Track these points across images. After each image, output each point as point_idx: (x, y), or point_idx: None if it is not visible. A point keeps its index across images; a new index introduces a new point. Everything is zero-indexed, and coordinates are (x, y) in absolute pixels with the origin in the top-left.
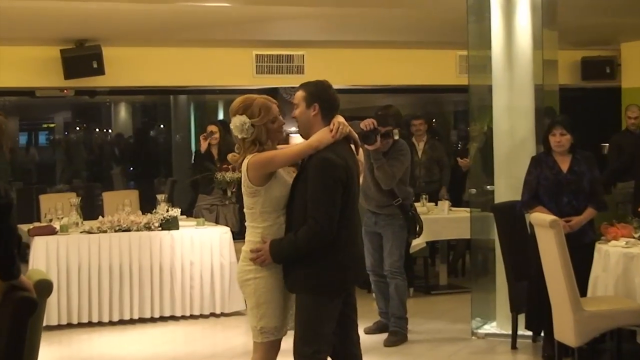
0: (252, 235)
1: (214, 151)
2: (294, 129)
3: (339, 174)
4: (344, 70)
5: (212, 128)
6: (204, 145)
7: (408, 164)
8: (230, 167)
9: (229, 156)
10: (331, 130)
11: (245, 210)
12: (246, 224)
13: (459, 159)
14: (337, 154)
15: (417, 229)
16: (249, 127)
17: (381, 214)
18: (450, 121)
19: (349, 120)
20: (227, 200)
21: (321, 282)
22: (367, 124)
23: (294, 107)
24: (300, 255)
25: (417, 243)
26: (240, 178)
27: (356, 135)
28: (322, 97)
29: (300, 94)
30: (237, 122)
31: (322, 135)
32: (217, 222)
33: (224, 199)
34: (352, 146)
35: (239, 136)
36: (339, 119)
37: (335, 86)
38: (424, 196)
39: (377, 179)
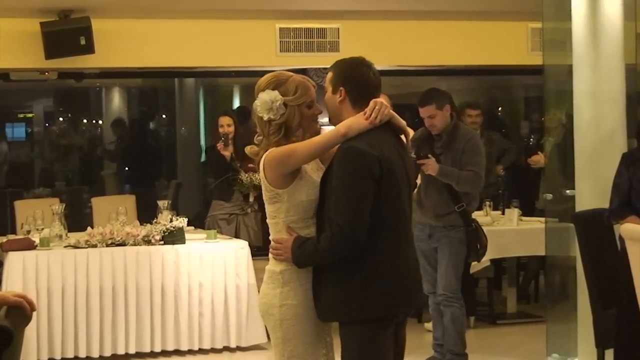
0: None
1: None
2: (325, 119)
3: (370, 166)
4: (388, 47)
5: (226, 120)
6: (227, 154)
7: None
8: (255, 166)
9: (247, 148)
10: (365, 114)
11: (268, 220)
12: (271, 237)
13: (533, 158)
14: (370, 143)
15: (479, 247)
16: (280, 105)
17: (438, 226)
18: (519, 110)
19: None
20: (249, 208)
21: (366, 305)
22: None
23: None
24: (320, 262)
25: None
26: None
27: (402, 122)
28: (351, 79)
29: (328, 75)
30: (267, 98)
31: (353, 120)
32: (237, 235)
33: (245, 206)
34: (403, 137)
35: (265, 116)
36: (379, 100)
37: (377, 67)
38: (487, 203)
39: (459, 188)
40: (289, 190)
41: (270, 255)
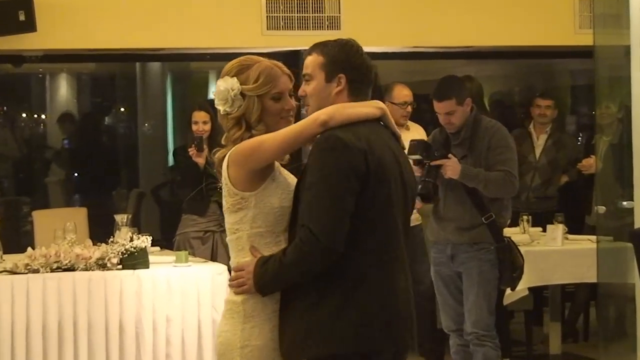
0: None
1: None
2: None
3: (353, 160)
4: (402, 24)
5: (201, 116)
6: (200, 161)
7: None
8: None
9: (216, 156)
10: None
11: (228, 239)
12: (230, 261)
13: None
14: (356, 134)
15: (514, 269)
16: (236, 95)
17: (462, 244)
18: (565, 102)
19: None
20: None
21: (334, 337)
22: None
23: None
24: (288, 282)
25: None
26: None
27: (394, 124)
28: (351, 64)
29: (314, 59)
30: (222, 86)
31: (337, 107)
32: (214, 257)
33: (223, 222)
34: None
35: (221, 108)
36: (380, 104)
37: (388, 49)
38: (524, 217)
39: (488, 192)
40: (258, 194)
41: (228, 304)
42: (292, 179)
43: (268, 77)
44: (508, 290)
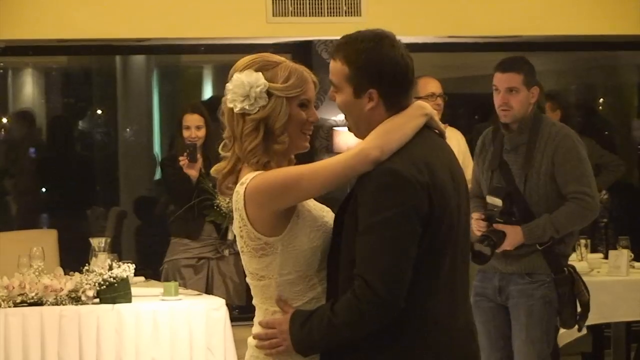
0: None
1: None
2: (340, 117)
3: (417, 200)
4: (434, 10)
5: (194, 120)
6: (193, 173)
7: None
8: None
9: (213, 169)
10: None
11: (249, 280)
12: (254, 302)
13: None
14: (415, 162)
15: (580, 307)
16: (262, 92)
17: (511, 274)
18: (630, 102)
19: None
20: (227, 249)
21: None
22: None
23: (330, 85)
24: (340, 343)
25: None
26: None
27: (441, 126)
28: (385, 74)
29: (338, 68)
30: (245, 79)
31: (384, 135)
32: (209, 289)
33: (221, 247)
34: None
35: (237, 106)
36: (424, 108)
37: (418, 39)
38: (582, 241)
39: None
40: (284, 237)
41: (252, 350)
42: (315, 209)
43: (300, 78)
44: (562, 329)
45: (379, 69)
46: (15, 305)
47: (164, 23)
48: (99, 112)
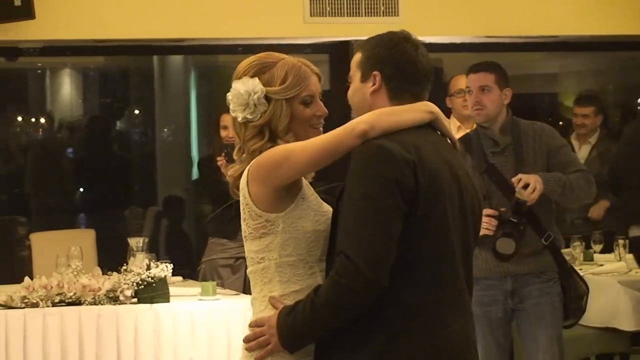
0: (261, 314)
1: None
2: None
3: (401, 174)
4: (470, 10)
5: (230, 120)
6: (230, 172)
7: None
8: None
9: (229, 173)
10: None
11: (249, 269)
12: (252, 296)
13: None
14: (403, 143)
15: (580, 298)
16: (260, 98)
17: (525, 274)
18: None
19: None
20: None
21: None
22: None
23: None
24: (324, 328)
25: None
26: None
27: (448, 127)
28: (390, 59)
29: (355, 57)
30: (241, 88)
31: (379, 114)
32: (246, 289)
33: None
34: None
35: (239, 116)
36: (430, 106)
37: (455, 39)
38: (621, 241)
39: (570, 200)
40: (287, 216)
41: (244, 353)
42: (320, 200)
43: (297, 76)
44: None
45: (385, 53)
46: (54, 304)
47: (201, 23)
48: (137, 112)
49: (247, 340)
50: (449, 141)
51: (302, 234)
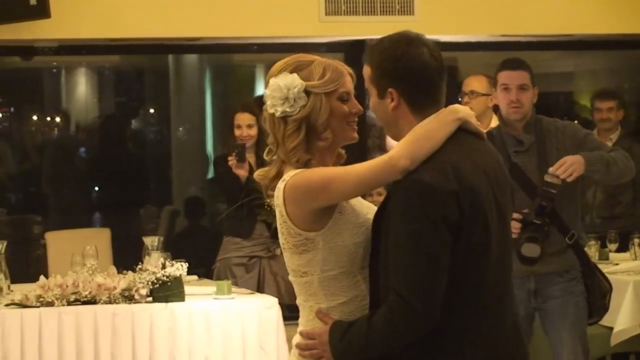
0: (310, 322)
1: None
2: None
3: (445, 208)
4: (486, 9)
5: (245, 119)
6: (242, 173)
7: None
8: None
9: (256, 174)
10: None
11: (291, 278)
12: (298, 301)
13: None
14: (442, 168)
15: (604, 296)
16: (300, 92)
17: (548, 274)
18: None
19: None
20: (278, 248)
21: None
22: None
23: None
24: (379, 354)
25: (624, 327)
26: None
27: (479, 128)
28: (402, 72)
29: (366, 70)
30: (281, 82)
31: (414, 142)
32: (260, 288)
33: (272, 246)
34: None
35: (278, 110)
36: (457, 112)
37: (471, 38)
38: (636, 240)
39: (606, 178)
40: (325, 233)
41: (299, 325)
42: (361, 205)
43: (335, 72)
44: (618, 327)
45: (396, 66)
46: (69, 303)
47: (216, 22)
48: (152, 111)
49: (299, 347)
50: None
51: (342, 248)
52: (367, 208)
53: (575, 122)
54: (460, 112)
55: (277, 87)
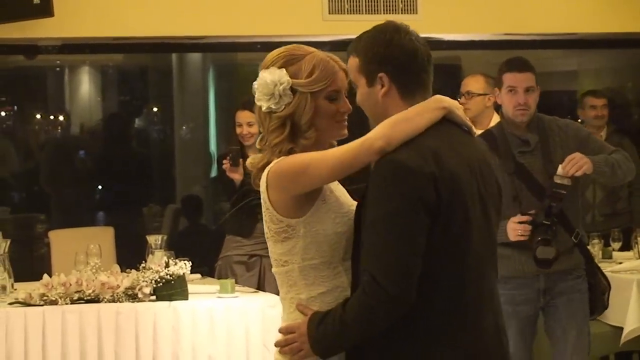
0: (291, 315)
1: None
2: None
3: (422, 190)
4: (490, 7)
5: (245, 117)
6: (236, 177)
7: None
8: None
9: (248, 160)
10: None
11: (274, 270)
12: (280, 296)
13: None
14: (421, 152)
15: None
16: (285, 89)
17: (557, 272)
18: None
19: None
20: None
21: None
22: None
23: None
24: (355, 340)
25: (635, 327)
26: None
27: (464, 118)
28: (391, 56)
29: (352, 63)
30: (268, 78)
31: (394, 124)
32: (260, 285)
33: None
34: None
35: (264, 105)
36: (442, 101)
37: (474, 36)
38: (595, 240)
39: (611, 179)
40: (307, 220)
41: (282, 320)
42: (346, 196)
43: (324, 71)
44: (628, 327)
45: (386, 49)
46: (72, 302)
47: (220, 21)
48: (155, 109)
49: (278, 345)
50: (464, 129)
51: (323, 237)
52: (351, 201)
53: (579, 120)
54: (445, 102)
55: (264, 83)
